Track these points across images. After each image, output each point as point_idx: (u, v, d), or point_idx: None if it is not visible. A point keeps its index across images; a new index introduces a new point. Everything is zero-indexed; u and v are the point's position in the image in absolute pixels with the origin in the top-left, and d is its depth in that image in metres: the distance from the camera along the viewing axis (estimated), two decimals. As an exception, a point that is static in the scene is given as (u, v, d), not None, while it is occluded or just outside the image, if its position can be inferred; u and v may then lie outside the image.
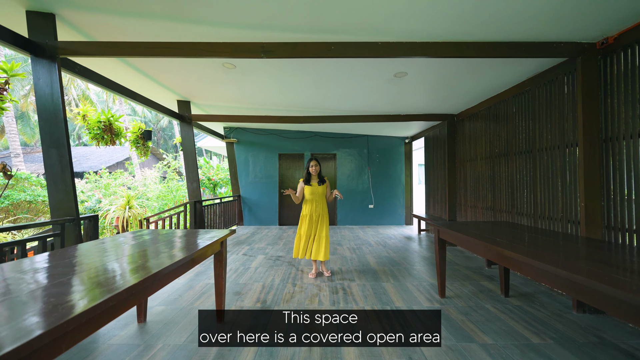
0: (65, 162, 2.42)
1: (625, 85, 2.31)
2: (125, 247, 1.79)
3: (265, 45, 2.44)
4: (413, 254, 4.59)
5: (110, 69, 3.47)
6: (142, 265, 1.38)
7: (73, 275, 1.20)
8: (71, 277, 1.18)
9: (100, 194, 7.74)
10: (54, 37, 2.41)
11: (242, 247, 5.03)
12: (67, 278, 1.16)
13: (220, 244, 2.25)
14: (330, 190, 3.53)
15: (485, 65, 3.13)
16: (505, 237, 2.16)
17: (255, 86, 3.96)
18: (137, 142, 4.89)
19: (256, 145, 7.42)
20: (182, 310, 2.53)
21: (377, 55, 2.46)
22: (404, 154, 7.59)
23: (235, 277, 3.43)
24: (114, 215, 5.38)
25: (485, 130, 4.33)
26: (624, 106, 2.33)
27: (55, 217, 2.40)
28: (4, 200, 5.27)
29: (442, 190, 5.85)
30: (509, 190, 3.78)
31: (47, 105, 2.41)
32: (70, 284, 1.11)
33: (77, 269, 1.30)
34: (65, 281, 1.13)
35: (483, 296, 2.87)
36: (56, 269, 1.28)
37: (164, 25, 2.50)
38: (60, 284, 1.09)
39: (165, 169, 13.08)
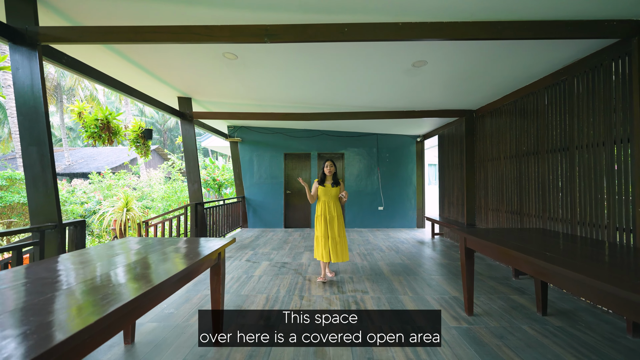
0: (46, 162, 2.16)
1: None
2: (103, 264, 1.51)
3: (270, 28, 2.14)
4: (429, 260, 4.24)
5: (103, 61, 3.22)
6: (118, 290, 1.09)
7: (48, 296, 0.92)
8: (47, 298, 0.90)
9: (100, 195, 7.58)
10: (34, 22, 2.16)
11: (246, 251, 4.75)
12: (39, 299, 0.88)
13: (217, 255, 1.96)
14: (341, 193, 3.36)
15: (514, 53, 2.78)
16: (554, 250, 1.81)
17: (258, 79, 3.67)
18: (137, 141, 4.66)
19: (261, 145, 7.14)
20: (175, 328, 2.24)
21: (397, 38, 2.14)
22: (415, 154, 7.23)
23: (237, 287, 3.14)
24: (112, 218, 5.17)
25: (510, 126, 3.95)
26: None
27: (35, 223, 2.14)
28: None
29: (458, 192, 5.47)
30: (539, 193, 3.40)
31: (27, 98, 2.15)
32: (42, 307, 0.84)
33: (50, 289, 1.02)
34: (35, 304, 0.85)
35: (516, 314, 2.51)
36: (29, 286, 1.01)
37: (156, 6, 2.22)
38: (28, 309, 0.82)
39: (170, 169, 12.93)
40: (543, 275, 1.60)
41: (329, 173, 3.30)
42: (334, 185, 3.32)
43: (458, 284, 3.24)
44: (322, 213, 3.29)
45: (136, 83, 3.82)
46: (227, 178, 11.22)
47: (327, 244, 3.23)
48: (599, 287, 1.20)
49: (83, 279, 1.21)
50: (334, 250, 3.23)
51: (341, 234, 3.28)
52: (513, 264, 1.88)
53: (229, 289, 3.09)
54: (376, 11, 2.12)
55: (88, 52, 3.03)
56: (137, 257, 1.62)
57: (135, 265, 1.45)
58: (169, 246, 1.93)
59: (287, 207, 7.21)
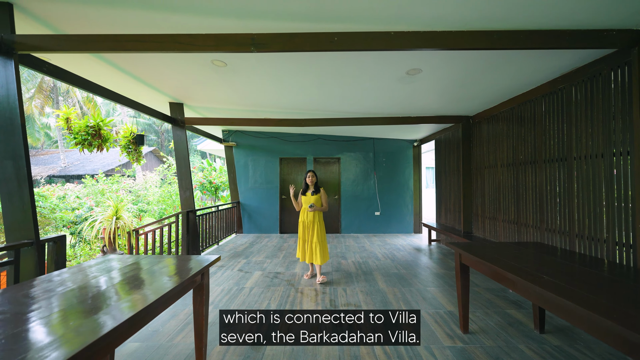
0: (22, 176, 2.07)
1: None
2: (74, 288, 1.42)
3: (256, 37, 2.06)
4: (425, 270, 4.15)
5: (89, 68, 3.13)
6: (88, 322, 1.00)
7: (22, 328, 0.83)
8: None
9: (92, 201, 7.46)
10: (10, 29, 2.07)
11: (239, 260, 4.65)
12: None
13: (201, 275, 1.87)
14: (325, 198, 3.61)
15: (511, 61, 2.70)
16: (551, 271, 1.73)
17: (250, 86, 3.59)
18: (128, 147, 4.56)
19: (256, 149, 7.05)
20: (159, 349, 2.15)
21: (389, 48, 2.06)
22: (412, 158, 7.15)
23: (226, 300, 3.05)
24: (101, 227, 5.06)
25: (507, 133, 3.88)
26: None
27: (11, 240, 2.04)
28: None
29: (455, 198, 5.40)
30: (536, 203, 3.33)
31: (2, 109, 2.06)
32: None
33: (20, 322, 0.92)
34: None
35: (513, 331, 2.43)
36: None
37: (139, 14, 2.13)
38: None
39: (165, 172, 12.83)
40: (540, 302, 1.51)
41: (310, 183, 3.60)
42: (313, 194, 3.58)
43: (454, 296, 3.16)
44: (302, 219, 3.60)
45: (125, 90, 3.74)
46: (224, 181, 11.12)
47: (305, 247, 3.57)
48: (599, 323, 1.12)
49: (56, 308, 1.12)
50: (308, 253, 3.54)
51: (320, 239, 3.51)
52: (509, 286, 1.80)
53: (217, 302, 3.00)
54: (367, 20, 2.04)
55: (74, 60, 2.94)
56: (114, 281, 1.53)
57: (122, 286, 1.36)
58: (147, 267, 1.83)
59: (282, 212, 7.12)
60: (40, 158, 20.17)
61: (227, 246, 5.72)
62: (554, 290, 1.38)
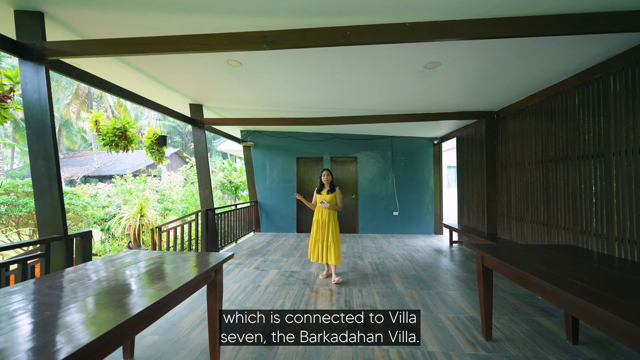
0: (52, 175, 2.20)
1: None
2: (89, 283, 1.48)
3: (268, 35, 2.05)
4: (445, 273, 3.98)
5: (114, 72, 3.30)
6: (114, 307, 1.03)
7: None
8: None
9: (121, 199, 7.89)
10: (42, 37, 2.20)
11: (256, 258, 4.71)
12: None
13: (214, 271, 1.89)
14: (340, 197, 3.56)
15: (539, 50, 2.51)
16: (587, 277, 1.57)
17: (265, 86, 3.61)
18: (152, 147, 4.76)
19: (273, 149, 7.12)
20: (175, 343, 2.20)
21: (404, 40, 1.98)
22: (432, 156, 6.91)
23: (242, 297, 3.09)
24: (127, 223, 5.33)
25: (535, 129, 3.63)
26: None
27: (42, 235, 2.18)
28: (21, 209, 5.44)
29: (478, 198, 5.14)
30: (569, 203, 3.08)
31: (35, 112, 2.20)
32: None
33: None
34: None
35: (543, 341, 2.25)
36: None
37: (155, 17, 2.20)
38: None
39: (188, 172, 13.32)
40: (573, 310, 1.38)
41: (325, 182, 3.56)
42: (328, 192, 3.53)
43: (477, 301, 3.00)
44: (316, 218, 3.55)
45: (148, 92, 3.89)
46: (244, 180, 11.36)
47: (318, 247, 3.51)
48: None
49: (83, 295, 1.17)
50: (321, 253, 3.48)
51: (334, 239, 3.47)
52: (537, 292, 1.66)
53: (234, 299, 3.04)
54: (380, 12, 1.97)
55: (100, 65, 3.10)
56: (133, 276, 1.58)
57: (139, 280, 1.40)
58: (163, 262, 1.88)
59: (299, 211, 7.13)
60: (76, 160, 21.69)
61: (245, 244, 5.82)
62: (589, 299, 1.25)
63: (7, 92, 2.28)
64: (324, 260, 3.47)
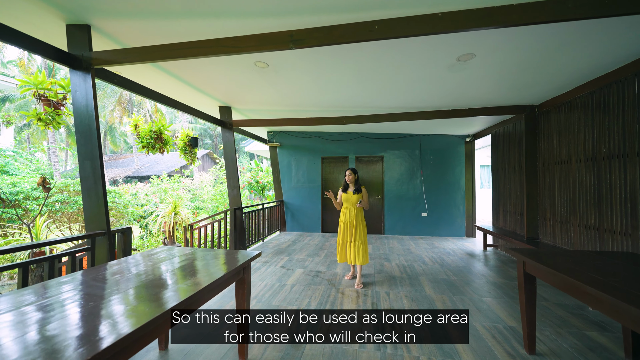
0: (97, 175, 2.38)
1: None
2: (127, 276, 1.56)
3: (295, 34, 2.05)
4: (479, 278, 3.75)
5: (151, 78, 3.50)
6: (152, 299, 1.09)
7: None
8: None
9: (157, 198, 8.42)
10: (89, 48, 2.39)
11: (282, 257, 4.77)
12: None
13: (243, 269, 1.92)
14: (366, 197, 3.52)
15: (589, 35, 2.26)
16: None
17: (291, 86, 3.64)
18: (185, 149, 5.01)
19: (299, 149, 7.18)
20: (207, 337, 2.28)
21: (437, 31, 1.87)
22: (464, 155, 6.56)
23: (269, 295, 3.13)
24: (162, 221, 5.66)
25: (585, 123, 3.29)
26: None
27: (89, 230, 2.36)
28: (72, 206, 6.02)
29: (516, 199, 4.78)
30: (626, 205, 2.75)
31: (83, 117, 2.39)
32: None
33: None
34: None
35: (594, 357, 2.03)
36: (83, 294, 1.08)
37: (187, 24, 2.30)
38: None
39: (218, 173, 13.88)
40: (636, 326, 1.21)
41: (349, 181, 3.51)
42: (355, 192, 3.47)
43: (515, 310, 2.78)
44: (343, 219, 3.51)
45: (181, 96, 4.09)
46: (270, 180, 11.61)
47: (346, 247, 3.47)
48: None
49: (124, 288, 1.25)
50: (348, 254, 3.44)
51: (362, 239, 3.43)
52: (592, 305, 1.49)
53: (261, 297, 3.09)
54: (410, 3, 1.88)
55: (139, 72, 3.31)
56: (168, 271, 1.66)
57: (173, 274, 1.47)
58: (194, 259, 1.95)
59: (324, 211, 7.13)
60: (119, 161, 23.53)
61: (271, 243, 5.93)
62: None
63: (60, 100, 2.51)
64: (351, 261, 3.42)
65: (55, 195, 6.10)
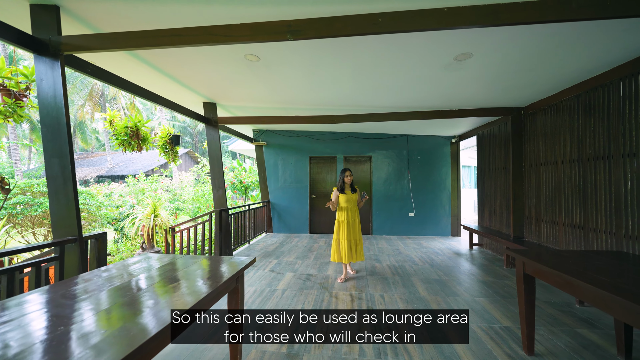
0: (67, 174, 2.12)
1: None
2: (102, 294, 1.36)
3: (293, 24, 1.91)
4: (469, 277, 3.78)
5: (129, 69, 3.21)
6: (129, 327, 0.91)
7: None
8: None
9: (134, 199, 7.91)
10: (57, 31, 2.12)
11: (270, 260, 4.59)
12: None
13: (235, 279, 1.76)
14: (360, 195, 3.66)
15: (583, 37, 2.30)
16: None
17: (282, 81, 3.48)
18: (165, 147, 4.70)
19: (286, 148, 7.01)
20: (194, 351, 2.09)
21: (441, 27, 1.81)
22: (449, 156, 6.67)
23: (259, 302, 2.96)
24: (140, 224, 5.30)
25: (570, 125, 3.39)
26: None
27: (57, 236, 2.10)
28: (37, 209, 5.48)
29: (502, 199, 4.90)
30: (611, 205, 2.85)
31: (50, 109, 2.12)
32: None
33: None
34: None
35: (590, 356, 2.05)
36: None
37: (173, 8, 2.09)
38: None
39: (199, 172, 13.36)
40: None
41: (349, 182, 3.59)
42: (353, 192, 3.62)
43: (508, 309, 2.80)
44: (345, 218, 3.55)
45: (162, 90, 3.81)
46: (254, 180, 11.31)
47: (346, 247, 3.50)
48: None
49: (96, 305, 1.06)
50: (353, 252, 3.55)
51: (360, 238, 3.63)
52: (602, 307, 1.47)
53: (251, 304, 2.92)
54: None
55: (115, 61, 3.02)
56: (148, 284, 1.46)
57: (158, 286, 1.28)
58: (179, 269, 1.77)
59: (312, 212, 7.00)
60: (90, 160, 22.12)
61: (257, 245, 5.72)
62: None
63: (23, 90, 2.22)
64: (354, 258, 3.55)
65: (17, 197, 5.54)
